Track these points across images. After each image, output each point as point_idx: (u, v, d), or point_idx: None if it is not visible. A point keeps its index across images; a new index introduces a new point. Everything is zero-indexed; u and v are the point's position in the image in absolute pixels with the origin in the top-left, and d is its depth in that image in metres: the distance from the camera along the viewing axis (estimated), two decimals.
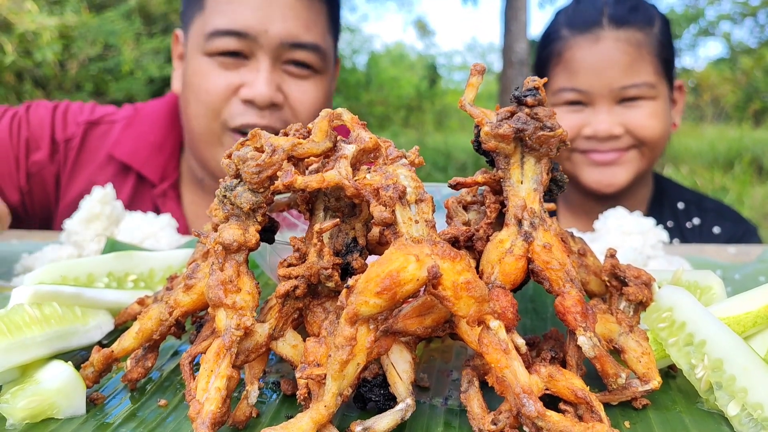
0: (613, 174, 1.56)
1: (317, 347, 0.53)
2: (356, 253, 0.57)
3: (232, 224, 0.56)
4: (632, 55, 1.52)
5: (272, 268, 0.76)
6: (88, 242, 1.03)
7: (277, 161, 0.55)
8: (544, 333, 0.64)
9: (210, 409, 0.49)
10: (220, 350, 0.52)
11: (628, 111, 1.54)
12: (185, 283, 0.59)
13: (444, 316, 0.54)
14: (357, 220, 0.58)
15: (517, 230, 0.57)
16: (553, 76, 1.60)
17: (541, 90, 0.58)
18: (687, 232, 1.65)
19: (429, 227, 0.52)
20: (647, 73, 1.53)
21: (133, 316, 0.72)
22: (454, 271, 0.49)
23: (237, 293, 0.54)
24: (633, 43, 1.53)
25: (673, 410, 0.59)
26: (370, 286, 0.48)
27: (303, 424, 0.50)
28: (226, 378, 0.51)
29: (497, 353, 0.49)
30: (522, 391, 0.48)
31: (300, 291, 0.55)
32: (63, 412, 0.57)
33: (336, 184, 0.54)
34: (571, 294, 0.54)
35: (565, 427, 0.48)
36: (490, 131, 0.57)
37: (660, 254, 1.04)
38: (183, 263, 0.84)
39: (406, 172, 0.53)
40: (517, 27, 8.81)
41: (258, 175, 0.55)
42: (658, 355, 0.62)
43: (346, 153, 0.56)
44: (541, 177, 0.58)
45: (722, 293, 0.70)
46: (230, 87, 1.33)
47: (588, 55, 1.54)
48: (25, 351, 0.60)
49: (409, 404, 0.53)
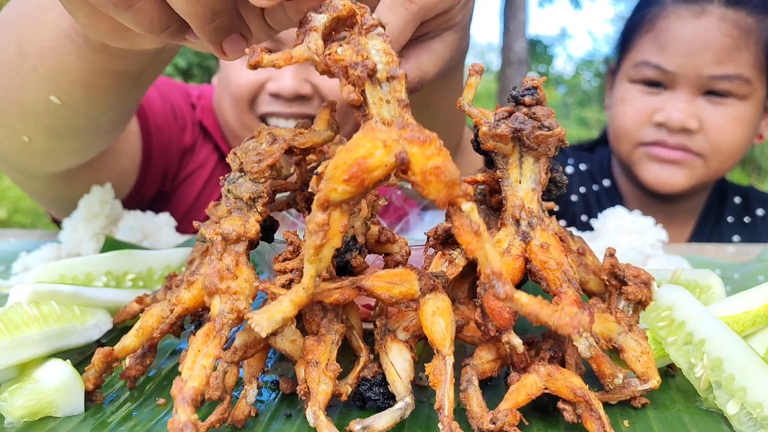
0: (674, 174, 1.38)
1: (316, 345, 0.53)
2: (355, 251, 0.57)
3: (233, 216, 0.56)
4: (735, 40, 1.29)
5: (271, 267, 0.76)
6: (87, 241, 1.03)
7: (278, 150, 0.55)
8: (543, 332, 0.64)
9: (192, 386, 0.47)
10: (210, 332, 0.51)
11: (710, 107, 1.33)
12: (187, 280, 0.59)
13: (412, 294, 0.54)
14: (356, 219, 0.58)
15: (514, 230, 0.57)
16: (637, 46, 1.40)
17: (539, 89, 0.58)
18: (748, 227, 1.53)
19: (401, 107, 0.48)
20: (746, 65, 1.30)
21: (131, 314, 0.72)
22: (423, 156, 0.46)
23: (233, 279, 0.53)
24: (741, 26, 1.30)
25: (672, 409, 0.59)
26: (338, 173, 0.45)
27: (283, 306, 0.49)
28: (213, 357, 0.50)
29: (469, 235, 0.46)
30: (492, 272, 0.45)
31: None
32: (61, 410, 0.56)
33: (306, 60, 0.50)
34: (569, 294, 0.54)
35: (534, 308, 0.46)
36: (487, 131, 0.57)
37: (659, 253, 1.04)
38: (182, 262, 0.84)
39: (379, 45, 0.49)
40: (516, 26, 8.81)
41: (258, 164, 0.55)
42: (657, 354, 0.62)
43: (315, 24, 0.50)
44: (539, 176, 0.58)
45: (721, 292, 0.70)
46: (258, 80, 1.35)
47: (685, 29, 1.32)
48: (24, 349, 0.60)
49: (408, 403, 0.53)
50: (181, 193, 1.50)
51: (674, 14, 1.35)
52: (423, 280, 0.55)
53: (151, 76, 0.88)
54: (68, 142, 0.95)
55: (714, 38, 1.30)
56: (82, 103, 0.84)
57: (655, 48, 1.36)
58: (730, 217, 1.56)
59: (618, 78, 1.49)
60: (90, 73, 0.78)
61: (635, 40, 1.42)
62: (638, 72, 1.39)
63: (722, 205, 1.57)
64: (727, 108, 1.32)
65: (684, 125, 1.32)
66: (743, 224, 1.56)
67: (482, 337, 0.59)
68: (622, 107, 1.45)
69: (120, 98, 0.88)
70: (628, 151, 1.45)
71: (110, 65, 0.78)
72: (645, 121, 1.38)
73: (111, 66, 0.78)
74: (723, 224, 1.57)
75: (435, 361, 0.53)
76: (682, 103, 1.33)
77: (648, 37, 1.38)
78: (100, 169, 1.15)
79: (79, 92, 0.82)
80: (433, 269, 0.58)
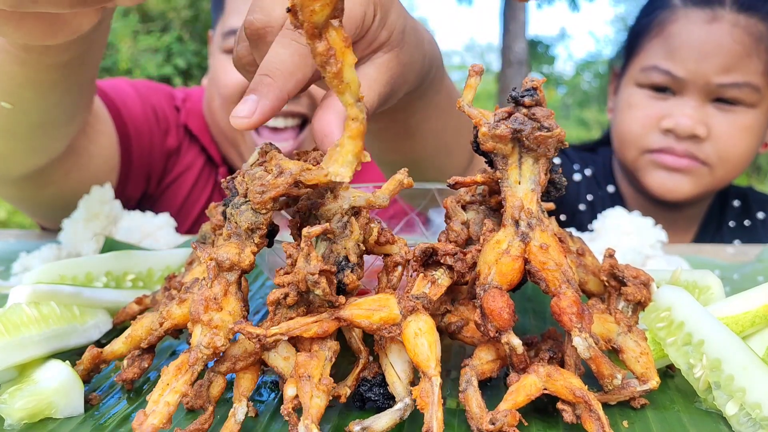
0: (680, 182, 1.37)
1: (308, 360, 0.52)
2: (348, 270, 0.56)
3: (231, 242, 0.56)
4: (747, 47, 1.28)
5: (271, 268, 0.76)
6: (87, 241, 1.03)
7: (282, 183, 0.54)
8: (542, 333, 0.64)
9: (152, 423, 0.47)
10: (183, 365, 0.51)
11: (719, 114, 1.31)
12: (179, 297, 0.58)
13: (393, 318, 0.54)
14: (348, 240, 0.57)
15: (514, 231, 0.57)
16: (646, 50, 1.38)
17: (539, 90, 0.58)
18: (748, 230, 1.52)
19: None
20: (756, 72, 1.29)
21: (131, 315, 0.72)
22: None
23: (217, 311, 0.52)
24: (752, 33, 1.28)
25: (672, 410, 0.59)
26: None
27: (347, 146, 0.52)
28: (179, 394, 0.49)
29: None
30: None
31: (290, 299, 0.54)
32: (61, 411, 0.56)
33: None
34: (567, 295, 0.54)
35: None
36: (487, 132, 0.57)
37: (659, 254, 1.04)
38: (181, 263, 0.84)
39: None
40: (515, 27, 8.81)
41: (261, 195, 0.54)
42: (656, 354, 0.62)
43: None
44: (538, 177, 0.58)
45: (721, 293, 0.70)
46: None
47: (697, 33, 1.29)
48: (23, 350, 0.60)
49: (407, 403, 0.53)
50: (169, 196, 1.50)
51: (684, 18, 1.33)
52: (402, 302, 0.54)
53: (96, 52, 0.88)
54: (27, 142, 0.95)
55: (725, 44, 1.27)
56: (33, 102, 0.85)
57: (665, 52, 1.33)
58: (731, 221, 1.54)
59: (624, 81, 1.47)
60: (35, 72, 0.78)
61: (643, 43, 1.39)
62: (646, 77, 1.37)
63: (723, 210, 1.56)
64: (736, 116, 1.31)
65: (693, 132, 1.30)
66: (744, 228, 1.55)
67: (482, 337, 0.59)
68: (629, 112, 1.42)
69: (71, 85, 0.88)
70: (634, 157, 1.43)
71: (53, 60, 0.77)
72: (652, 127, 1.37)
73: (54, 60, 0.77)
74: (725, 229, 1.56)
75: (422, 383, 0.52)
76: (691, 109, 1.31)
77: (657, 41, 1.36)
78: (72, 171, 1.14)
79: (29, 92, 0.82)
80: (416, 291, 0.58)
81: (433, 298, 0.57)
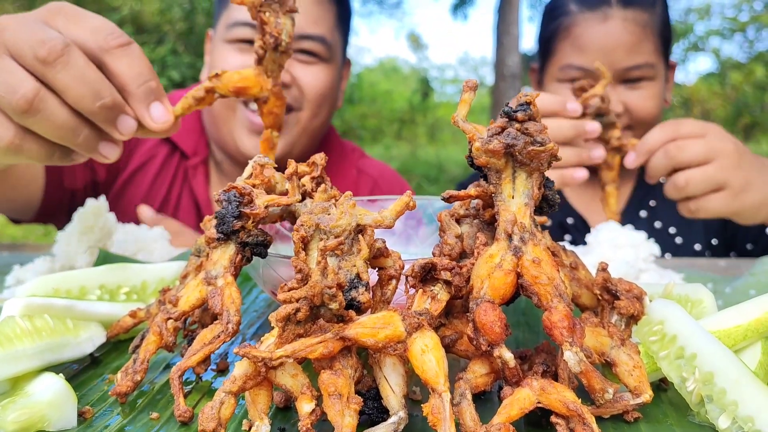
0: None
1: (335, 378, 0.52)
2: (361, 288, 0.56)
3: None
4: (638, 35, 1.55)
5: (265, 281, 0.76)
6: (81, 254, 1.03)
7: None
8: (536, 346, 0.64)
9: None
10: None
11: (629, 92, 1.57)
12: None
13: (398, 336, 0.54)
14: (357, 258, 0.57)
15: (507, 245, 0.57)
16: (559, 50, 1.63)
17: (532, 105, 0.58)
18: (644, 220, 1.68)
19: None
20: (649, 53, 1.56)
21: (125, 328, 0.72)
22: None
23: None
24: (639, 23, 1.55)
25: (665, 423, 0.59)
26: None
27: None
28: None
29: None
30: None
31: (302, 314, 0.53)
32: (54, 424, 0.56)
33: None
34: (559, 309, 0.54)
35: None
36: (480, 147, 0.58)
37: (652, 267, 1.05)
38: (176, 276, 0.83)
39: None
40: (509, 41, 8.86)
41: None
42: (649, 368, 0.62)
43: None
44: (532, 192, 0.59)
45: (713, 307, 0.70)
46: (243, 66, 1.41)
47: (596, 33, 1.56)
48: (17, 363, 0.59)
49: (401, 417, 0.53)
50: (133, 187, 1.60)
51: (584, 21, 1.58)
52: (407, 320, 0.54)
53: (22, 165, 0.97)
54: None
55: (622, 37, 1.54)
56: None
57: (575, 52, 1.59)
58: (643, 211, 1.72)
59: (545, 79, 1.71)
60: None
61: (555, 45, 1.64)
62: (565, 73, 1.61)
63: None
64: (642, 90, 1.58)
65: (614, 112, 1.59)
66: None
67: (475, 351, 0.59)
68: None
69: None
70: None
71: None
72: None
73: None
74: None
75: (432, 400, 0.52)
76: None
77: (566, 43, 1.61)
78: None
79: None
80: (417, 308, 0.58)
81: (434, 313, 0.58)
